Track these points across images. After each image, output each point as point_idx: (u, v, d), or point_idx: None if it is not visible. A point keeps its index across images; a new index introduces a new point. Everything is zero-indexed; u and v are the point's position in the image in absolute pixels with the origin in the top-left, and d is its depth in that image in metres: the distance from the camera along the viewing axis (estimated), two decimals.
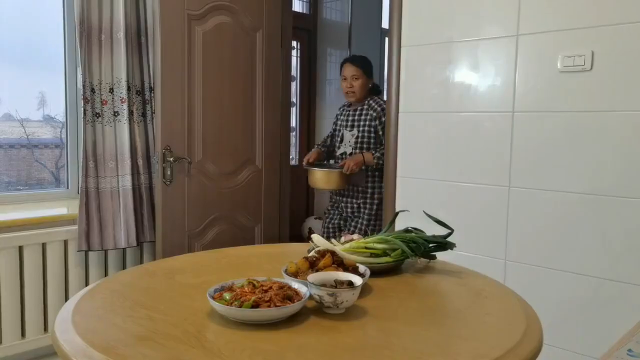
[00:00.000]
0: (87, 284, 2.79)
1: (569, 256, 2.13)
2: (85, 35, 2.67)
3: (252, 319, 1.07)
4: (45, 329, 2.67)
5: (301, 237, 4.38)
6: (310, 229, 4.35)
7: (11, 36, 2.85)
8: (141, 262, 2.99)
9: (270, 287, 1.14)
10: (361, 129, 3.06)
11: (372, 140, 3.05)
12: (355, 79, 3.04)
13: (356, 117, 3.10)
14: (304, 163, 3.16)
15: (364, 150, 3.03)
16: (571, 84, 2.08)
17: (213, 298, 1.12)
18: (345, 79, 3.08)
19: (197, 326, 1.08)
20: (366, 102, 3.10)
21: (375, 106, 3.07)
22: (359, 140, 3.07)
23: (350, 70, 3.06)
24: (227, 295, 1.11)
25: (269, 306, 1.07)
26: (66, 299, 2.72)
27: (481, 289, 1.38)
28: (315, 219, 4.46)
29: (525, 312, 1.18)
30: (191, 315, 1.13)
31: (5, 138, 3.00)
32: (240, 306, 1.06)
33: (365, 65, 3.08)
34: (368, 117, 3.06)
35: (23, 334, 2.60)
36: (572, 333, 2.12)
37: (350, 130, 3.11)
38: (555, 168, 2.15)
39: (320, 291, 1.12)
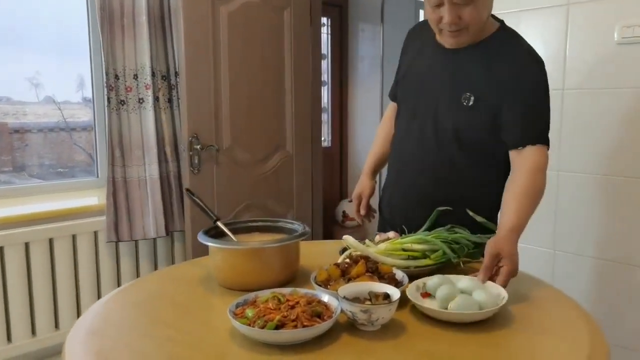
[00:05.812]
0: (119, 275, 2.77)
1: (624, 246, 1.95)
2: (107, 20, 2.58)
3: (277, 341, 0.96)
4: None
5: (335, 220, 4.27)
6: (344, 212, 4.23)
7: (45, 24, 2.85)
8: (172, 251, 2.94)
9: (297, 302, 1.02)
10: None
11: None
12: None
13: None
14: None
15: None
16: (631, 58, 1.87)
17: (235, 314, 1.02)
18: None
19: (218, 348, 0.98)
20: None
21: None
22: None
23: None
24: (249, 312, 1.00)
25: (295, 326, 0.96)
26: (98, 290, 2.69)
27: (535, 296, 1.24)
28: (349, 202, 4.33)
29: (589, 329, 1.04)
30: (213, 335, 1.03)
31: (45, 122, 3.02)
32: (264, 326, 0.96)
33: None
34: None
35: (57, 326, 2.60)
36: (624, 327, 1.95)
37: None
38: (611, 150, 1.95)
39: (353, 307, 1.01)
